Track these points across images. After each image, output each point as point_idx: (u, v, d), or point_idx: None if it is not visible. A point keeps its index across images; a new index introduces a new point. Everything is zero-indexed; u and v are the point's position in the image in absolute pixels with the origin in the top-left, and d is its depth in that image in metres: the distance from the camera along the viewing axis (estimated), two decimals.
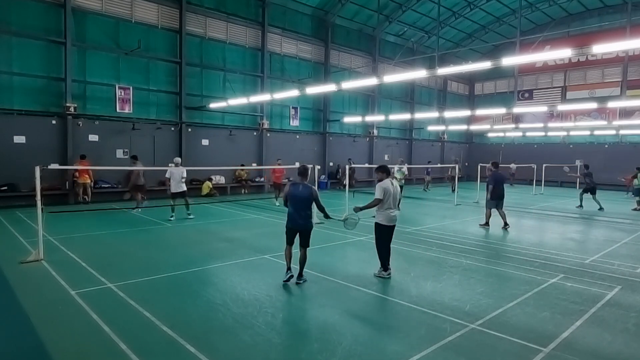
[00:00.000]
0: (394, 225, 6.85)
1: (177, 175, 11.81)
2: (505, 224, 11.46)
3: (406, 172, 19.22)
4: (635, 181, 16.60)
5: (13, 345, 4.37)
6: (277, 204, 15.11)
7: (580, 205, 16.30)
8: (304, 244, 6.41)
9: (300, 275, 6.42)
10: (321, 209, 6.49)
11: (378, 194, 6.60)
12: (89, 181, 14.90)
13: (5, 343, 4.40)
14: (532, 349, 4.33)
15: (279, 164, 16.52)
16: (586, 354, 4.30)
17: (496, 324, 4.98)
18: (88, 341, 4.42)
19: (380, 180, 6.75)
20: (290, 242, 6.43)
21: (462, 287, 6.37)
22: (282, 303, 5.58)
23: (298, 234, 6.40)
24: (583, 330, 4.87)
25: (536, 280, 6.75)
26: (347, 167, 14.17)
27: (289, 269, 6.38)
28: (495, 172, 11.85)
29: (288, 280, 6.30)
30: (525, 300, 5.82)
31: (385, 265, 6.82)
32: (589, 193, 16.19)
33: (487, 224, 11.67)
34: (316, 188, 6.65)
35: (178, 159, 12.72)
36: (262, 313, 5.20)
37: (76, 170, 14.63)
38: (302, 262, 6.43)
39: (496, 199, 11.57)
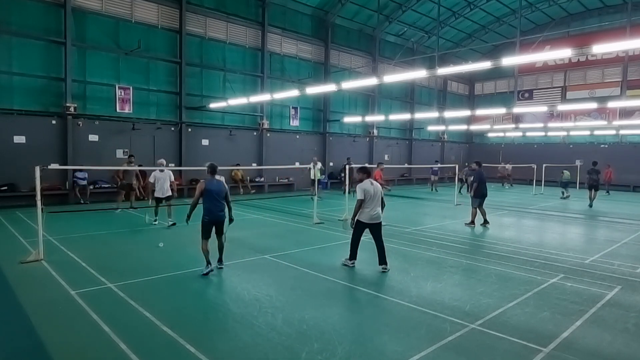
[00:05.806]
0: (378, 223, 7.15)
1: (162, 180, 11.23)
2: (485, 221, 11.71)
3: (321, 168, 17.88)
4: None
5: (13, 345, 4.37)
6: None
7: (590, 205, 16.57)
8: (221, 232, 7.03)
9: (220, 260, 7.09)
10: (228, 204, 7.01)
11: (359, 195, 7.03)
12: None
13: (5, 343, 4.40)
14: (532, 349, 4.33)
15: (382, 169, 13.33)
16: (586, 354, 4.30)
17: (496, 324, 4.98)
18: (88, 341, 4.42)
19: (360, 181, 7.16)
20: (207, 237, 6.80)
21: (462, 287, 6.37)
22: (282, 303, 5.58)
23: (214, 227, 6.90)
24: (583, 330, 4.87)
25: (536, 280, 6.75)
26: (346, 166, 14.13)
27: (208, 263, 6.78)
28: (479, 171, 12.02)
29: (207, 273, 6.70)
30: (525, 300, 5.82)
31: (352, 256, 7.32)
32: None
33: (472, 222, 11.84)
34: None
35: (163, 161, 12.02)
36: (262, 313, 5.20)
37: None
38: (222, 249, 7.09)
39: (480, 197, 11.71)
